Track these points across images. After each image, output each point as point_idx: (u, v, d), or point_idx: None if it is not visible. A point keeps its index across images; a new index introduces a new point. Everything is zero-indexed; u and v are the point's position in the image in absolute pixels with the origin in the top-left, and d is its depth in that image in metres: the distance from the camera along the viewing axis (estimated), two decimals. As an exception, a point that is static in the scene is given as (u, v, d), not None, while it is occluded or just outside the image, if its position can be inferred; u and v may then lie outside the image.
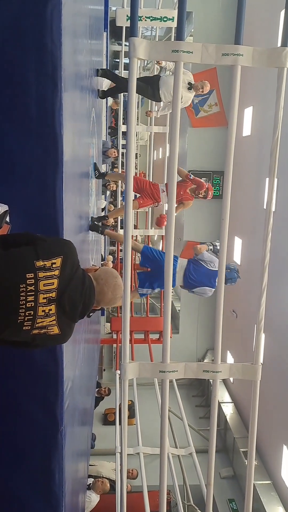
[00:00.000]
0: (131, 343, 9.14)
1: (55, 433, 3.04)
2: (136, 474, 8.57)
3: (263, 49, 3.04)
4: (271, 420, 10.24)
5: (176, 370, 3.46)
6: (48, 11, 2.49)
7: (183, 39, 2.96)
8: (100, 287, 2.09)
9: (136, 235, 12.47)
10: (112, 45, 15.54)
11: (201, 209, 13.56)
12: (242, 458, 11.36)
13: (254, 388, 3.63)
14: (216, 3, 13.63)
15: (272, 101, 3.24)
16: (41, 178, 2.71)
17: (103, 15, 8.74)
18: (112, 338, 12.67)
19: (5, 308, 1.82)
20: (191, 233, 15.13)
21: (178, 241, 14.84)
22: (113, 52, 16.96)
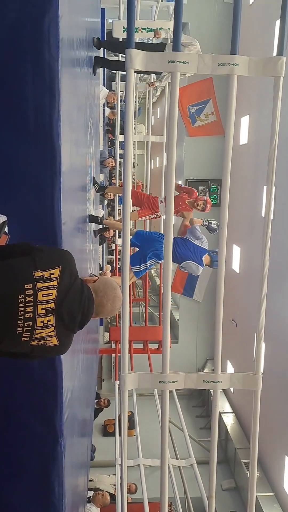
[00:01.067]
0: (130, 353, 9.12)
1: (54, 445, 3.02)
2: (135, 489, 8.46)
3: (259, 59, 3.07)
4: (273, 431, 10.17)
5: (176, 381, 3.44)
6: (46, 23, 2.51)
7: (179, 50, 2.98)
8: (99, 299, 2.08)
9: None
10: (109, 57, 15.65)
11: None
12: (244, 469, 11.26)
13: (255, 398, 3.61)
14: (211, 13, 13.76)
15: (268, 109, 3.26)
16: (39, 188, 2.71)
17: (100, 27, 8.81)
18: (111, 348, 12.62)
19: (3, 319, 1.81)
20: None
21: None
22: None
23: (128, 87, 3.15)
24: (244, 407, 13.00)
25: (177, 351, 14.51)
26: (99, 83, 8.86)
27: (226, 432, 13.26)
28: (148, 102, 12.46)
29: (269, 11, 11.21)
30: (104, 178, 12.90)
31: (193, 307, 14.89)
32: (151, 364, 9.65)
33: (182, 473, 7.51)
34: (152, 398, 7.82)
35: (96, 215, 6.37)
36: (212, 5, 13.79)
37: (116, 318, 11.99)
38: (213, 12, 13.74)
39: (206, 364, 16.08)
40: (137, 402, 7.37)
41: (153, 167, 24.47)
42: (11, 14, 2.51)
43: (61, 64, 2.61)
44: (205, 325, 14.99)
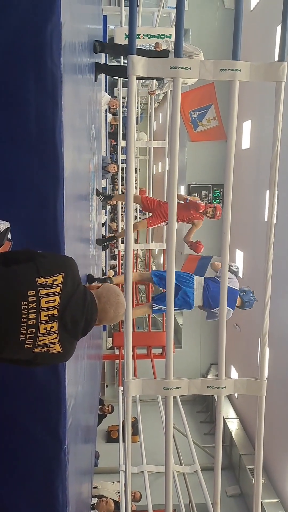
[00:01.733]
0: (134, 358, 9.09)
1: (58, 451, 3.01)
2: (139, 496, 8.41)
3: (260, 64, 3.08)
4: (278, 436, 10.11)
5: (179, 387, 3.43)
6: (48, 31, 2.52)
7: (181, 56, 3.00)
8: (102, 305, 2.07)
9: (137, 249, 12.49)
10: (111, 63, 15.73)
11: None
12: (249, 475, 11.20)
13: (259, 404, 3.60)
14: (212, 19, 13.83)
15: (270, 114, 3.27)
16: (42, 194, 2.72)
17: (102, 34, 8.85)
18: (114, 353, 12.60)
19: (6, 326, 1.80)
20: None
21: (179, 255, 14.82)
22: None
23: (130, 93, 3.16)
24: (248, 412, 12.94)
25: (181, 356, 14.48)
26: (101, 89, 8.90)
27: (231, 438, 13.21)
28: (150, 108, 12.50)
29: (270, 17, 11.26)
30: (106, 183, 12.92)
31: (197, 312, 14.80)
32: (154, 369, 9.61)
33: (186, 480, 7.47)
34: (156, 404, 7.78)
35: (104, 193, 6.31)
36: (213, 11, 13.86)
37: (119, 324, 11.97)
38: (214, 18, 13.80)
39: (210, 370, 16.04)
40: (141, 408, 7.34)
41: (155, 172, 24.53)
42: (14, 22, 2.52)
43: (63, 71, 2.62)
44: (209, 330, 14.96)
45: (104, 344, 13.19)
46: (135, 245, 8.18)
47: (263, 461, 3.92)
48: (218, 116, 7.70)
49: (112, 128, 14.59)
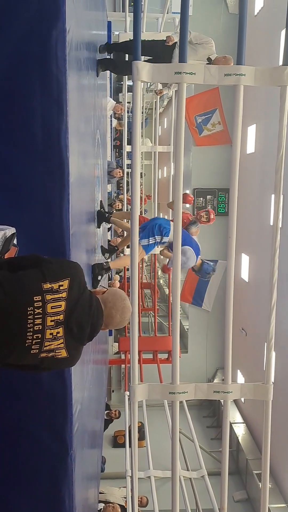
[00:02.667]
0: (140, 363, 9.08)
1: (64, 457, 3.00)
2: (146, 501, 8.38)
3: (265, 69, 3.08)
4: (285, 441, 10.05)
5: (186, 391, 3.43)
6: (53, 38, 2.54)
7: (185, 61, 3.00)
8: (108, 310, 2.07)
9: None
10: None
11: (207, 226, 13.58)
12: (256, 480, 11.13)
13: (266, 408, 3.58)
14: (217, 24, 13.85)
15: (275, 118, 3.27)
16: (47, 200, 2.73)
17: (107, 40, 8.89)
18: (120, 358, 12.59)
19: (13, 332, 1.81)
20: (198, 250, 15.14)
21: (185, 260, 14.80)
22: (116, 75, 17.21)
23: (135, 98, 3.17)
24: (255, 417, 12.88)
25: (187, 361, 14.43)
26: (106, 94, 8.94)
27: (238, 443, 13.14)
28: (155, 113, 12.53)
29: (274, 21, 11.27)
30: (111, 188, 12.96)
31: (203, 316, 14.83)
32: (160, 374, 9.60)
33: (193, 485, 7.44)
34: (162, 409, 7.76)
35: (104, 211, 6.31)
36: (218, 16, 13.89)
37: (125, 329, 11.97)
38: (218, 23, 13.83)
39: (216, 374, 15.98)
40: (147, 412, 7.32)
41: (161, 176, 24.57)
42: (19, 28, 2.54)
43: (68, 77, 2.64)
44: (215, 335, 14.92)
45: (110, 349, 13.19)
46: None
47: (270, 466, 3.90)
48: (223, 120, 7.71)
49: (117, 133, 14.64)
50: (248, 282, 13.40)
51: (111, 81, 11.43)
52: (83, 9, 3.65)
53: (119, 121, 13.00)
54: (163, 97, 13.66)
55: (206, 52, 5.89)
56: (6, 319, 1.79)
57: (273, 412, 3.66)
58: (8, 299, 1.80)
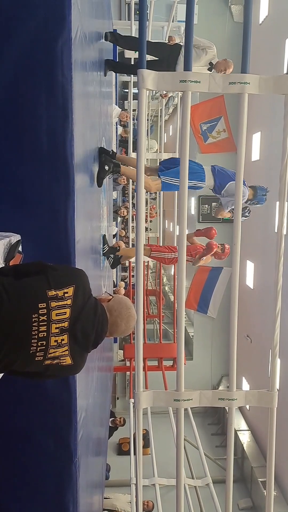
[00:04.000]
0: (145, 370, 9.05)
1: (68, 464, 3.00)
2: (152, 506, 8.36)
3: (269, 77, 3.09)
4: (289, 448, 9.98)
5: (191, 399, 3.41)
6: (59, 46, 2.57)
7: (190, 69, 3.02)
8: (113, 318, 2.07)
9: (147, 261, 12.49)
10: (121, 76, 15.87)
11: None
12: (261, 488, 11.06)
13: (271, 415, 3.56)
14: (222, 33, 13.92)
15: (280, 125, 3.28)
16: (53, 207, 2.74)
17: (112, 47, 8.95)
18: (125, 365, 12.55)
19: (17, 339, 1.81)
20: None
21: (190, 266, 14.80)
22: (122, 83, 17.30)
23: (140, 106, 3.19)
24: (260, 424, 12.81)
25: (192, 368, 14.38)
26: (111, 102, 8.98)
27: (242, 450, 13.06)
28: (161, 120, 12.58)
29: (278, 30, 11.32)
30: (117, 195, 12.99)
31: (208, 323, 14.79)
32: (165, 381, 9.57)
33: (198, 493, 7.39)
34: (167, 416, 7.73)
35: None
36: (223, 25, 13.96)
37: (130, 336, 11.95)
38: (223, 32, 13.89)
39: (221, 381, 15.92)
40: (152, 420, 7.29)
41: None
42: (25, 37, 2.57)
43: (74, 85, 2.66)
44: (220, 341, 14.87)
45: (115, 356, 13.16)
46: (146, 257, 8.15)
47: (275, 473, 3.88)
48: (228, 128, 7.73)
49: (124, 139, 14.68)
50: (253, 289, 13.36)
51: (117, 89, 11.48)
52: (88, 18, 3.68)
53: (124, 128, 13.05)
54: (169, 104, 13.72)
55: (208, 57, 6.02)
56: (11, 326, 1.79)
57: (278, 419, 3.64)
58: (13, 306, 1.81)
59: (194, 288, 9.23)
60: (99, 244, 5.45)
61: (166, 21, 9.77)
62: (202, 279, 7.26)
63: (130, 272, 12.98)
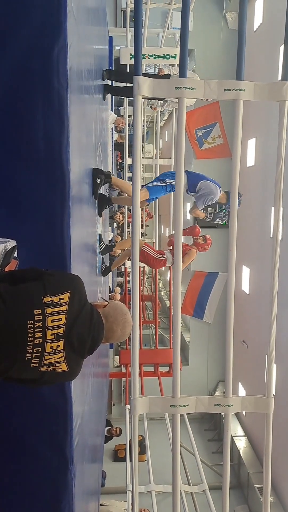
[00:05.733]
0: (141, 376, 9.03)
1: (64, 472, 2.98)
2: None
3: (264, 84, 3.12)
4: (286, 454, 9.97)
5: (187, 405, 3.41)
6: (55, 53, 2.57)
7: (185, 76, 3.04)
8: (109, 324, 2.07)
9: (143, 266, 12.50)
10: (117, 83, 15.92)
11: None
12: (258, 494, 11.02)
13: (267, 421, 3.56)
14: (217, 40, 14.02)
15: (275, 131, 3.31)
16: (49, 213, 2.74)
17: (108, 54, 8.99)
18: (121, 371, 12.53)
19: (12, 345, 1.81)
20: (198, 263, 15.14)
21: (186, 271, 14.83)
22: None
23: (136, 112, 3.21)
24: (256, 430, 12.79)
25: (188, 373, 14.37)
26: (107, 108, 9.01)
27: (239, 456, 13.04)
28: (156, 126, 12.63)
29: (273, 37, 11.41)
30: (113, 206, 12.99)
31: (204, 328, 14.80)
32: (161, 387, 9.55)
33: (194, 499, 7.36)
34: (163, 422, 7.71)
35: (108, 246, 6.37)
36: (218, 32, 14.06)
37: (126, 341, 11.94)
38: (218, 39, 13.99)
39: (217, 386, 15.90)
40: (148, 426, 7.27)
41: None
42: (21, 43, 2.57)
43: (70, 91, 2.66)
44: (216, 347, 14.87)
45: (111, 362, 13.13)
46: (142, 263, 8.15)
47: (272, 479, 3.87)
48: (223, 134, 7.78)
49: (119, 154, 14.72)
50: (248, 294, 13.38)
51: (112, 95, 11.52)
52: (84, 25, 3.69)
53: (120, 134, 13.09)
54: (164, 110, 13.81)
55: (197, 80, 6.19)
56: (6, 333, 1.79)
57: (275, 425, 3.64)
58: (9, 312, 1.80)
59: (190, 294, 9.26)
60: (95, 250, 5.45)
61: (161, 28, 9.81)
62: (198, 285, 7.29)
63: (126, 278, 12.98)
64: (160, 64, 9.13)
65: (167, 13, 8.60)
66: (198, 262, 15.13)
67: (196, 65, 14.52)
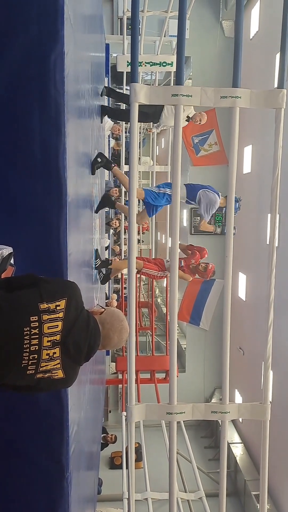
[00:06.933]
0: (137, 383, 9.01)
1: (60, 479, 2.96)
2: None
3: (260, 91, 3.14)
4: (283, 461, 9.94)
5: (183, 412, 3.41)
6: (52, 60, 2.58)
7: (182, 83, 3.06)
8: (106, 331, 2.06)
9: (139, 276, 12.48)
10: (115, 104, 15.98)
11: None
12: (254, 501, 10.98)
13: (264, 428, 3.56)
14: (213, 47, 14.10)
15: (271, 139, 3.32)
16: (45, 219, 2.74)
17: (104, 61, 9.03)
18: (118, 378, 12.48)
19: (9, 352, 1.80)
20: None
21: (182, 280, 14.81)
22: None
23: (132, 119, 3.21)
24: (253, 437, 12.75)
25: (185, 380, 14.33)
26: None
27: (236, 463, 12.99)
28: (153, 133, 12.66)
29: (269, 45, 11.49)
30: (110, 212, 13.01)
31: (200, 335, 14.78)
32: (158, 394, 9.52)
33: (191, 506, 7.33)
34: (160, 429, 7.69)
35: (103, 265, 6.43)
36: (214, 40, 14.15)
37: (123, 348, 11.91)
38: (214, 47, 14.07)
39: (214, 393, 15.86)
40: (144, 433, 7.25)
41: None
42: (18, 50, 2.58)
43: (66, 99, 2.67)
44: (212, 354, 14.85)
45: (107, 369, 13.08)
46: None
47: (269, 487, 3.86)
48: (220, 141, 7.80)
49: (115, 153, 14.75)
50: (245, 300, 13.38)
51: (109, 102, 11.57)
52: (81, 32, 3.71)
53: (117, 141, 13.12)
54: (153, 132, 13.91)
55: (186, 113, 6.54)
56: (2, 339, 1.78)
57: (271, 432, 3.63)
58: (5, 319, 1.80)
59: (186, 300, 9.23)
60: (91, 257, 5.45)
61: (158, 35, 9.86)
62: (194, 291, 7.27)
63: (123, 284, 12.96)
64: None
65: (163, 21, 8.65)
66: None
67: (192, 72, 14.60)
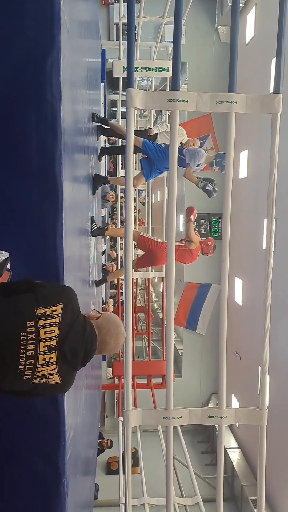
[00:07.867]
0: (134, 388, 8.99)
1: (57, 484, 2.95)
2: None
3: (256, 96, 3.15)
4: (280, 466, 9.93)
5: (180, 416, 3.40)
6: (48, 65, 2.59)
7: (178, 88, 3.07)
8: (102, 336, 2.06)
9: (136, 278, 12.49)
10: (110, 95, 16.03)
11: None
12: (251, 506, 10.94)
13: (261, 433, 3.55)
14: (209, 53, 14.16)
15: (266, 143, 3.33)
16: (42, 224, 2.74)
17: (101, 67, 9.06)
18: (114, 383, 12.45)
19: (5, 357, 1.80)
20: (191, 274, 15.16)
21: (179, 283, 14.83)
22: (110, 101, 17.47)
23: (128, 124, 3.22)
24: (250, 442, 12.73)
25: (181, 385, 14.32)
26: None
27: (232, 468, 12.96)
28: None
29: (265, 50, 11.55)
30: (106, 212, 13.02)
31: (197, 340, 14.77)
32: (154, 399, 9.50)
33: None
34: (156, 434, 7.66)
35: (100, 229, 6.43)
36: (210, 45, 14.21)
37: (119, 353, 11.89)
38: (210, 52, 14.14)
39: (210, 398, 15.83)
40: (141, 438, 7.22)
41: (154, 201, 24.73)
42: (15, 55, 2.59)
43: (63, 104, 2.68)
44: (209, 358, 14.84)
45: (104, 374, 13.05)
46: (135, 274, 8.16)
47: (266, 492, 3.85)
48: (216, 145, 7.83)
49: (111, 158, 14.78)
50: (241, 305, 13.39)
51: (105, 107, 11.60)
52: (78, 38, 3.72)
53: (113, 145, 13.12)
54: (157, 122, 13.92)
55: (179, 140, 6.58)
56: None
57: (268, 437, 3.62)
58: (1, 324, 1.79)
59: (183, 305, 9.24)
60: (88, 261, 5.45)
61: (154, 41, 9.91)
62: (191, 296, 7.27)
63: (119, 289, 12.96)
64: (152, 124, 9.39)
65: (159, 26, 8.69)
66: (191, 274, 15.19)
67: (188, 77, 14.65)
